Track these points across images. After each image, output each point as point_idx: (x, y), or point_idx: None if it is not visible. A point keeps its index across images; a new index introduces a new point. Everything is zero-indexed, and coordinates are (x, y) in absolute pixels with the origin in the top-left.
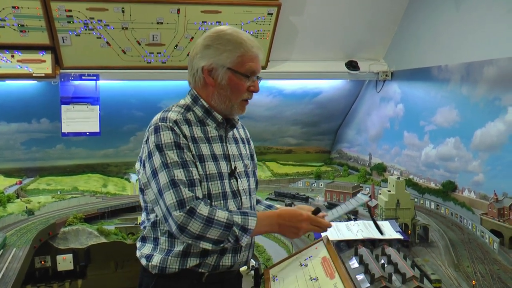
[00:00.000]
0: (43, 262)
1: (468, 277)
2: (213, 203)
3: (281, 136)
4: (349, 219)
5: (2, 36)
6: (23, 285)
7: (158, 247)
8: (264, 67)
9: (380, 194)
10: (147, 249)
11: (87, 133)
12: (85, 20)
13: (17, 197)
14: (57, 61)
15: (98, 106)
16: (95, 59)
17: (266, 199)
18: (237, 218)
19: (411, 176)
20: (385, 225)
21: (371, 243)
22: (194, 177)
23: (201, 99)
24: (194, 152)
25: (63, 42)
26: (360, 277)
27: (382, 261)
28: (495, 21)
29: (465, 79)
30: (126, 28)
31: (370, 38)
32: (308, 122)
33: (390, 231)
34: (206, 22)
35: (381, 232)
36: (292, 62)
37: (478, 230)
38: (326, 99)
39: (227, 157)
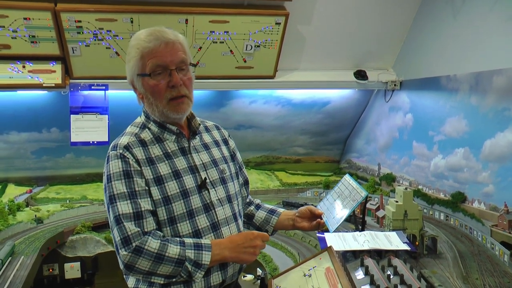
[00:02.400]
0: (51, 270)
1: None
2: (178, 225)
3: (290, 145)
4: (356, 229)
5: (14, 47)
6: None
7: (141, 279)
8: (272, 77)
9: (388, 204)
10: (131, 282)
11: (95, 142)
12: (95, 31)
13: (27, 206)
14: (67, 71)
15: (107, 115)
16: (105, 69)
17: None
18: (190, 253)
19: (420, 187)
20: (392, 235)
21: (377, 254)
22: (142, 209)
23: (155, 116)
24: (150, 176)
25: (73, 52)
26: None
27: (388, 272)
28: (504, 31)
29: (474, 89)
30: None
31: (378, 48)
32: (317, 132)
33: (397, 242)
34: (214, 32)
35: (361, 229)
36: (301, 71)
37: (488, 242)
38: (335, 109)
39: (193, 169)
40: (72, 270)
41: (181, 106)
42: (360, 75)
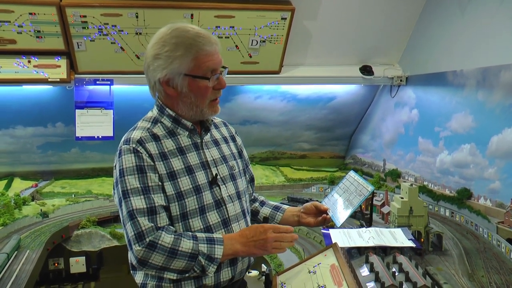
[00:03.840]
0: (56, 264)
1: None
2: (190, 221)
3: (295, 141)
4: (361, 226)
5: (19, 42)
6: (37, 286)
7: (149, 274)
8: (277, 72)
9: (393, 201)
10: (139, 277)
11: (100, 137)
12: (99, 26)
13: (32, 200)
14: (72, 66)
15: (112, 110)
16: (109, 64)
17: None
18: (203, 247)
19: (425, 183)
20: (397, 232)
21: (382, 251)
22: (156, 204)
23: (167, 109)
24: (163, 171)
25: (78, 47)
26: (370, 285)
27: (393, 269)
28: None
29: (481, 84)
30: (140, 33)
31: (384, 43)
32: (322, 127)
33: (403, 239)
34: (219, 27)
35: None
36: (306, 67)
37: (494, 239)
38: (340, 104)
39: (205, 165)
40: (77, 265)
41: (217, 106)
42: (366, 70)
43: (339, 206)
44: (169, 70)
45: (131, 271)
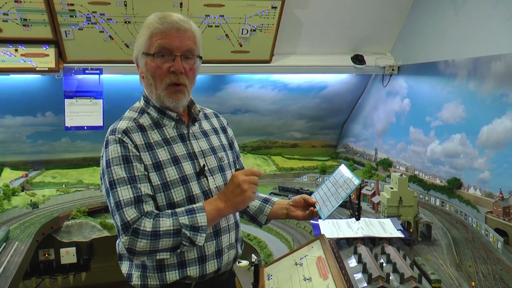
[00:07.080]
0: (46, 255)
1: (470, 277)
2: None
3: (286, 130)
4: (351, 216)
5: (5, 30)
6: (28, 277)
7: (134, 264)
8: (268, 61)
9: (383, 191)
10: (125, 267)
11: (90, 127)
12: (88, 14)
13: (22, 190)
14: (61, 55)
15: (101, 100)
16: (98, 53)
17: (270, 193)
18: (184, 219)
19: (416, 172)
20: (387, 222)
21: (371, 241)
22: (142, 193)
23: (152, 99)
24: (149, 162)
25: (66, 36)
26: (358, 276)
27: (382, 260)
28: (503, 16)
29: (472, 75)
30: (129, 22)
31: (376, 32)
32: (314, 116)
33: (391, 229)
34: (209, 15)
35: (357, 218)
36: (297, 56)
37: (482, 229)
38: (332, 93)
39: (192, 156)
40: (68, 255)
41: (177, 94)
42: (358, 59)
43: (326, 200)
44: (136, 50)
45: (118, 261)
